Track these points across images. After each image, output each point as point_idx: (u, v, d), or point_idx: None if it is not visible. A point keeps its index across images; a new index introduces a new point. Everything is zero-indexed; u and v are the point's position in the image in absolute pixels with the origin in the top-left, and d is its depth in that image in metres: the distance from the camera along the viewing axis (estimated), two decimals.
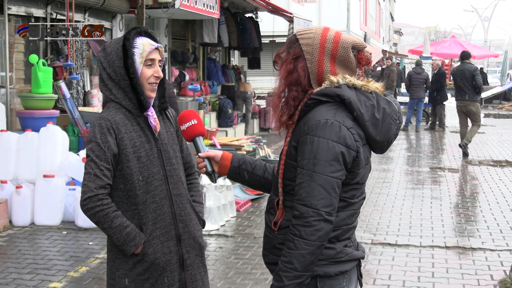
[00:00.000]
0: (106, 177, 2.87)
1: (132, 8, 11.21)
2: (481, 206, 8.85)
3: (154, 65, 2.97)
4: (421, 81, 18.54)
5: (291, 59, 2.58)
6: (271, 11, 16.57)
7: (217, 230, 7.30)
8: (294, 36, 2.62)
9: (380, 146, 2.59)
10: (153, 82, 2.97)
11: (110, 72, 2.94)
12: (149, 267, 2.94)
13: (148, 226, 2.93)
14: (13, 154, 7.83)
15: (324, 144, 2.44)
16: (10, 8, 8.93)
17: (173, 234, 3.00)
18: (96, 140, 2.88)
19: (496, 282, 5.76)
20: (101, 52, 3.00)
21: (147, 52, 2.93)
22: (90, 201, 2.85)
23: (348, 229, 2.57)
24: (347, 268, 2.56)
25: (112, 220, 2.86)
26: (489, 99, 30.07)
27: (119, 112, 2.95)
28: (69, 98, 9.24)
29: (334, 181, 2.44)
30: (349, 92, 2.50)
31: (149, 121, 2.98)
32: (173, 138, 3.09)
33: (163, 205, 2.97)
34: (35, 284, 5.62)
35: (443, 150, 14.75)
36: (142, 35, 2.97)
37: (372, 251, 6.67)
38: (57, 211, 7.53)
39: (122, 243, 2.89)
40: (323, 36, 2.55)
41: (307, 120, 2.51)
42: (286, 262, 2.45)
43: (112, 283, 3.00)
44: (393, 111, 2.57)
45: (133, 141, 2.92)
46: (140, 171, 2.92)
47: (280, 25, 18.95)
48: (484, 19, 69.04)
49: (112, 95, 2.96)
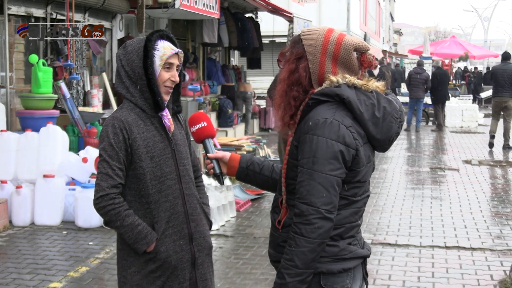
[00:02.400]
0: (118, 177, 2.91)
1: (132, 8, 11.21)
2: (481, 206, 8.85)
3: (172, 69, 3.01)
4: (421, 81, 18.53)
5: (294, 59, 2.61)
6: (271, 11, 16.57)
7: (217, 230, 7.30)
8: (298, 36, 2.65)
9: (381, 145, 2.61)
10: (169, 85, 3.01)
11: (129, 70, 2.98)
12: (161, 265, 2.98)
13: (160, 225, 2.97)
14: (13, 154, 7.83)
15: (323, 143, 2.46)
16: (10, 8, 8.93)
17: (185, 233, 3.04)
18: (109, 140, 2.92)
19: (496, 282, 5.76)
20: (121, 50, 3.03)
21: (167, 56, 2.97)
22: (102, 200, 2.90)
23: (351, 227, 2.59)
24: (350, 266, 2.58)
25: (123, 219, 2.91)
26: (489, 99, 30.06)
27: (132, 112, 2.99)
28: (69, 98, 9.24)
29: (334, 179, 2.46)
30: (348, 91, 2.52)
31: (164, 121, 3.02)
32: (184, 140, 3.14)
33: (176, 204, 3.01)
34: (35, 284, 5.62)
35: (443, 150, 14.75)
36: (164, 38, 3.01)
37: (372, 251, 6.61)
38: (57, 211, 7.53)
39: (134, 241, 2.93)
40: (326, 38, 2.57)
41: (307, 120, 2.54)
42: (287, 260, 2.48)
43: (123, 281, 3.03)
44: (394, 110, 2.59)
45: (146, 141, 2.96)
46: (153, 171, 2.96)
47: (280, 25, 18.95)
48: (484, 19, 69.08)
49: (129, 93, 3.00)
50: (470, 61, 34.24)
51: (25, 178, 7.79)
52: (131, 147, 2.94)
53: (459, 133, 18.32)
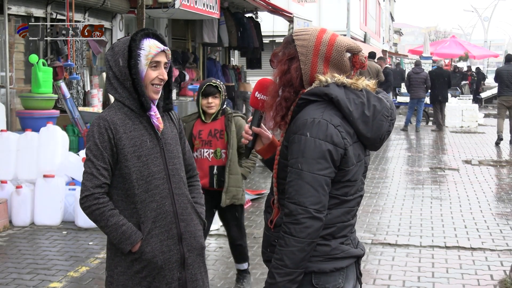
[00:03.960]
0: (103, 176, 2.92)
1: (132, 8, 11.22)
2: (481, 206, 8.85)
3: (159, 67, 3.00)
4: (421, 81, 18.53)
5: (286, 60, 2.60)
6: (271, 11, 16.58)
7: (217, 230, 7.30)
8: (290, 36, 2.64)
9: (372, 143, 2.61)
10: (157, 83, 3.00)
11: (116, 71, 2.98)
12: (146, 265, 2.96)
13: (147, 225, 2.95)
14: (13, 154, 7.84)
15: (311, 143, 2.46)
16: (10, 8, 8.93)
17: (174, 233, 3.02)
18: (94, 139, 2.93)
19: (496, 282, 5.76)
20: (109, 51, 3.04)
21: (152, 55, 2.96)
22: (87, 199, 2.91)
23: (343, 226, 2.58)
24: (343, 265, 2.57)
25: (108, 219, 2.91)
26: (489, 99, 30.08)
27: (119, 112, 2.98)
28: (69, 98, 9.24)
29: (322, 179, 2.46)
30: (337, 90, 2.52)
31: (152, 120, 3.01)
32: (176, 139, 3.12)
33: (164, 204, 2.99)
34: (35, 284, 5.62)
35: (443, 150, 14.75)
36: (149, 36, 3.01)
37: (372, 251, 6.67)
38: (57, 211, 7.53)
39: (118, 241, 2.92)
40: (318, 38, 2.57)
41: (296, 120, 2.54)
42: (277, 259, 2.48)
43: (110, 281, 3.03)
44: (384, 108, 2.59)
45: (133, 140, 2.95)
46: (139, 170, 2.94)
47: (280, 25, 18.96)
48: (484, 19, 69.04)
49: (117, 93, 3.00)
50: (470, 61, 34.22)
51: (25, 178, 7.79)
52: (117, 147, 2.93)
53: (459, 133, 18.32)
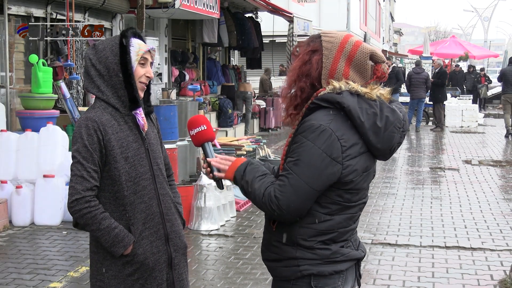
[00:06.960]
0: (93, 179, 2.87)
1: (132, 8, 11.21)
2: (481, 206, 8.85)
3: (147, 65, 3.00)
4: (421, 81, 18.52)
5: (309, 51, 2.59)
6: (271, 11, 16.59)
7: (217, 230, 7.31)
8: (318, 34, 2.65)
9: (382, 154, 2.58)
10: (144, 82, 2.99)
11: (100, 69, 2.93)
12: (139, 268, 2.95)
13: (137, 227, 2.93)
14: (13, 154, 7.83)
15: (310, 149, 2.45)
16: (10, 8, 8.93)
17: (161, 234, 3.01)
18: (83, 141, 2.86)
19: (496, 282, 5.76)
20: (91, 50, 3.00)
21: (142, 51, 2.97)
22: (78, 203, 2.87)
23: (345, 231, 2.57)
24: (342, 268, 2.56)
25: (100, 222, 2.86)
26: (489, 99, 30.06)
27: (105, 112, 2.93)
28: (69, 98, 9.24)
29: (307, 187, 2.45)
30: (350, 99, 2.48)
31: (137, 119, 2.98)
32: (157, 139, 3.11)
33: (152, 205, 2.98)
34: (35, 284, 5.62)
35: (443, 150, 14.75)
36: (136, 36, 3.01)
37: (372, 251, 6.67)
38: (57, 211, 7.53)
39: (111, 245, 2.88)
40: (345, 38, 2.57)
41: (304, 121, 2.52)
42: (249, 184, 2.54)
43: (100, 285, 2.97)
44: (396, 120, 2.55)
45: (120, 141, 2.92)
46: (128, 172, 2.91)
47: (280, 25, 18.96)
48: (484, 19, 69.08)
49: (100, 92, 2.95)
50: (470, 61, 34.21)
51: (25, 178, 7.79)
52: (106, 148, 2.88)
53: (459, 133, 18.32)
